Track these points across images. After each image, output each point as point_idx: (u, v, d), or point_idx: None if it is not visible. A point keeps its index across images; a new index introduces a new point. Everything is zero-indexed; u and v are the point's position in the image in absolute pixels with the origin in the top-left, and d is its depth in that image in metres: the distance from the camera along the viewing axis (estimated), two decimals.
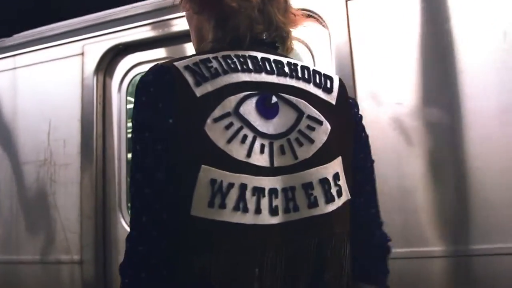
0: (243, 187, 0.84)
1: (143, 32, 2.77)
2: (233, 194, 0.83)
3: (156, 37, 2.76)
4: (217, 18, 1.00)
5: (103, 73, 2.87)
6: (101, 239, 2.74)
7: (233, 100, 0.88)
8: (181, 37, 2.66)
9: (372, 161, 1.09)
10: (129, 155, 2.78)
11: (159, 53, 2.80)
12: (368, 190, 1.06)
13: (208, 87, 0.88)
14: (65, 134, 2.85)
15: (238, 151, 0.85)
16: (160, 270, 0.85)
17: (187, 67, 0.90)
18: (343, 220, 0.95)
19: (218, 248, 0.83)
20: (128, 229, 2.48)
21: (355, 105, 1.09)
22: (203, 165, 0.83)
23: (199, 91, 0.87)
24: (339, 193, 0.93)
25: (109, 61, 2.87)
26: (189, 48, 2.56)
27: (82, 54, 2.87)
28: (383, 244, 1.06)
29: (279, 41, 1.05)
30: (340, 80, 1.04)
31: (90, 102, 2.81)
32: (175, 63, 0.92)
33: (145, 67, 2.81)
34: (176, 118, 0.86)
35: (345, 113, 1.02)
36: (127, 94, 2.85)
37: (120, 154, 2.78)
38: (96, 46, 2.85)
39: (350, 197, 0.96)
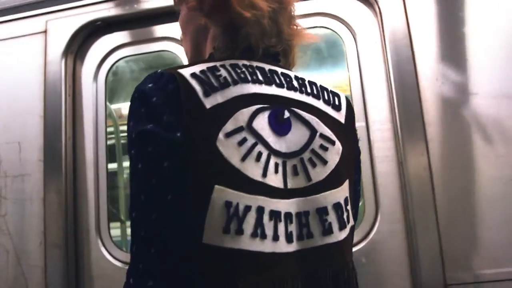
0: (260, 210, 0.77)
1: (129, 5, 2.17)
2: (251, 218, 0.76)
3: (145, 12, 2.18)
4: (227, 25, 0.91)
5: (73, 56, 2.23)
6: (73, 274, 2.07)
7: (245, 113, 0.81)
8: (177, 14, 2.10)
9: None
10: (110, 165, 2.17)
11: (149, 32, 2.21)
12: (355, 216, 1.00)
13: (218, 98, 0.80)
14: (21, 135, 2.17)
15: (253, 170, 0.78)
16: None
17: (193, 75, 0.81)
18: (351, 247, 0.92)
19: (236, 282, 0.74)
20: (110, 259, 1.91)
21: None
22: (216, 185, 0.75)
23: (208, 102, 0.79)
24: (349, 219, 0.88)
25: (81, 41, 2.24)
26: None
27: (45, 32, 2.21)
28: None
29: (282, 54, 0.96)
30: (347, 98, 0.99)
31: (56, 93, 2.15)
32: (179, 70, 0.82)
33: (130, 50, 2.24)
34: (184, 132, 0.76)
35: (352, 133, 0.98)
36: (106, 84, 2.22)
37: (98, 161, 2.14)
38: (65, 22, 2.21)
39: (353, 223, 0.92)
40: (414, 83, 1.84)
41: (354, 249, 1.82)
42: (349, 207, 0.89)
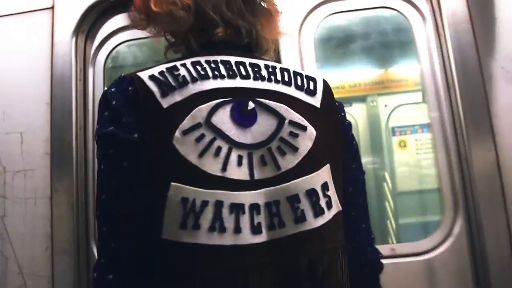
0: (218, 204, 0.78)
1: None
2: (208, 213, 0.77)
3: None
4: (159, 25, 0.96)
5: (84, 36, 1.97)
6: (85, 285, 1.81)
7: (204, 109, 0.82)
8: None
9: (363, 173, 1.01)
10: None
11: None
12: (360, 204, 0.98)
13: (176, 97, 0.82)
14: (23, 125, 1.89)
15: (211, 165, 0.79)
16: None
17: (151, 77, 0.84)
18: (335, 233, 0.87)
19: (194, 276, 0.76)
20: None
21: (342, 109, 0.98)
22: (172, 183, 0.77)
23: (165, 102, 0.81)
24: (329, 205, 0.85)
25: (94, 19, 1.99)
26: None
27: (52, 8, 1.95)
28: (374, 261, 0.99)
29: (253, 43, 0.96)
30: (324, 81, 0.96)
31: (64, 77, 1.89)
32: (139, 73, 0.85)
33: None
34: (142, 133, 0.79)
35: (332, 116, 0.93)
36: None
37: None
38: None
39: (340, 208, 0.88)
40: (477, 70, 1.67)
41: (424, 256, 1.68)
42: (330, 193, 0.86)
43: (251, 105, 0.85)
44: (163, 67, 0.86)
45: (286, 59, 1.83)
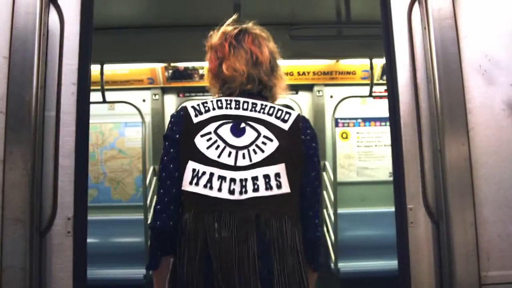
0: (211, 174, 1.40)
1: None
2: (204, 178, 1.40)
3: None
4: (221, 80, 1.56)
5: None
6: (37, 257, 1.66)
7: (214, 125, 1.46)
8: None
9: (319, 179, 1.54)
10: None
11: None
12: (311, 199, 1.50)
13: (202, 117, 1.47)
14: None
15: (212, 154, 1.42)
16: (167, 222, 1.43)
17: (192, 106, 1.50)
18: (282, 204, 1.41)
19: (191, 208, 1.40)
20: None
21: (309, 135, 1.51)
22: (189, 161, 1.42)
23: (196, 120, 1.47)
24: (278, 186, 1.40)
25: None
26: None
27: None
28: (312, 238, 1.50)
29: (266, 92, 1.57)
30: (298, 115, 1.52)
31: (27, 30, 1.70)
32: (186, 104, 1.53)
33: None
34: (180, 135, 1.46)
35: (294, 137, 1.48)
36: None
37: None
38: None
39: (289, 191, 1.42)
40: (458, 67, 1.71)
41: None
42: (281, 179, 1.40)
43: (243, 125, 1.45)
44: (200, 102, 1.49)
45: (398, 39, 1.84)
